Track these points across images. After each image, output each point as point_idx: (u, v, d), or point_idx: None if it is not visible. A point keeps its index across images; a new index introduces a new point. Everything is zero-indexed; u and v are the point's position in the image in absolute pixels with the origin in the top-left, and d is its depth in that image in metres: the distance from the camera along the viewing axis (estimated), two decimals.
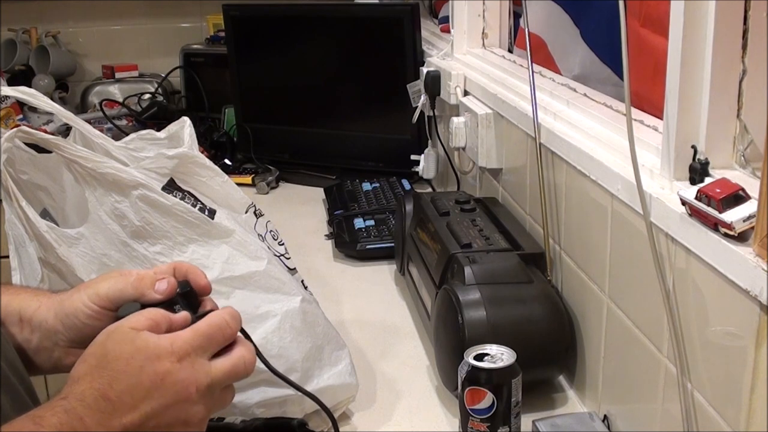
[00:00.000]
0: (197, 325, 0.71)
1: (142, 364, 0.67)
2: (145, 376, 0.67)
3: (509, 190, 1.42)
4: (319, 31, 2.07)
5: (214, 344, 0.71)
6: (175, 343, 0.69)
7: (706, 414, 0.78)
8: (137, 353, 0.68)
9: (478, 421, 0.94)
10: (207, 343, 0.71)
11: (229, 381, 0.73)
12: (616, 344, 1.00)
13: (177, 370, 0.68)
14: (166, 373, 0.68)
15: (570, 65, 1.43)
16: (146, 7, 2.67)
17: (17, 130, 0.90)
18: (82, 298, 0.78)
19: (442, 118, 1.81)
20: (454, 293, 1.06)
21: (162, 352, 0.68)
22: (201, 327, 0.71)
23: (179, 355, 0.69)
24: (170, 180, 0.97)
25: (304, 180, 2.08)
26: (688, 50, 0.81)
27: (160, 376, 0.67)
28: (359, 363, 1.12)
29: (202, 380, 0.69)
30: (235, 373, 0.72)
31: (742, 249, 0.69)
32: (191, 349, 0.69)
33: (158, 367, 0.67)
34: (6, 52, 2.54)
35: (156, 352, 0.68)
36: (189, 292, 0.77)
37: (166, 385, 0.67)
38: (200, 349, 0.70)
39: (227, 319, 0.73)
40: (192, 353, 0.69)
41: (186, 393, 0.68)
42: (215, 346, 0.72)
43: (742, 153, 0.82)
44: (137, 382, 0.67)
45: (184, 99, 2.51)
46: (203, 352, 0.70)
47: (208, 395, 0.70)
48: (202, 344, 0.70)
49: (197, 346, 0.70)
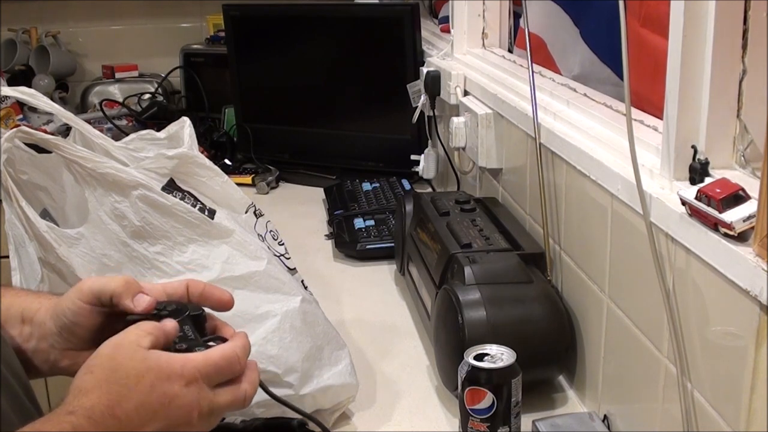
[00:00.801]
0: (210, 354, 0.71)
1: (152, 383, 0.67)
2: (155, 397, 0.67)
3: (509, 190, 1.42)
4: (319, 31, 2.07)
5: (221, 376, 0.71)
6: (186, 366, 0.69)
7: (706, 414, 0.78)
8: (148, 372, 0.67)
9: (478, 421, 0.94)
10: (215, 374, 0.71)
11: (227, 411, 0.73)
12: (616, 344, 1.00)
13: (184, 394, 0.68)
14: (174, 396, 0.67)
15: (570, 65, 1.43)
16: (146, 7, 2.67)
17: (17, 130, 0.90)
18: (70, 296, 0.78)
19: (442, 118, 1.81)
20: (454, 293, 1.06)
21: (172, 374, 0.68)
22: (214, 357, 0.71)
23: (188, 379, 0.69)
24: (170, 180, 0.97)
25: (304, 180, 2.08)
26: (688, 50, 0.81)
27: (168, 398, 0.67)
28: (359, 363, 1.12)
29: (204, 407, 0.70)
30: (234, 405, 0.73)
31: (742, 249, 0.69)
32: (200, 375, 0.69)
33: (167, 389, 0.67)
34: (6, 52, 2.54)
35: (167, 372, 0.68)
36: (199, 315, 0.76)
37: (172, 408, 0.67)
38: (207, 377, 0.70)
39: (239, 354, 0.73)
40: (200, 380, 0.69)
41: (188, 417, 0.69)
42: (222, 378, 0.72)
43: (742, 153, 0.81)
44: (147, 401, 0.66)
45: (184, 99, 2.51)
46: (210, 382, 0.70)
47: (205, 421, 0.71)
48: (210, 374, 0.70)
49: (205, 374, 0.70)
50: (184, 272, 0.95)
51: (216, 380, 0.71)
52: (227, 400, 0.72)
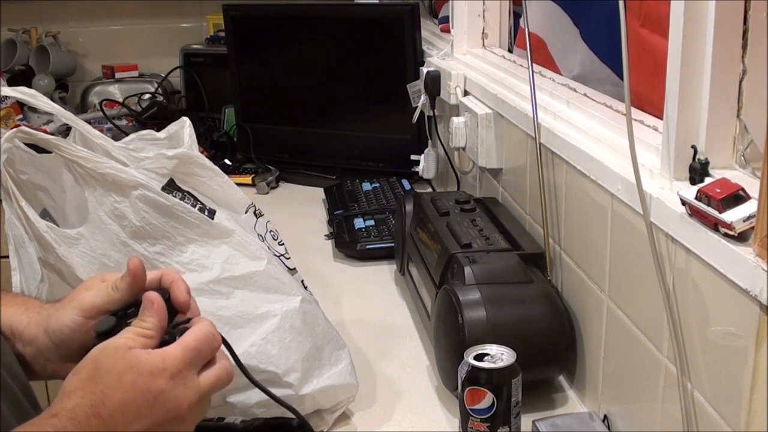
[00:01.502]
0: (185, 340, 0.70)
1: (134, 380, 0.66)
2: (138, 394, 0.66)
3: (509, 190, 1.42)
4: (319, 31, 2.07)
5: (202, 358, 0.71)
6: (166, 359, 0.68)
7: (706, 414, 0.78)
8: (129, 369, 0.67)
9: (478, 421, 0.94)
10: (197, 358, 0.70)
11: (214, 392, 0.72)
12: (616, 344, 1.00)
13: (170, 388, 0.67)
14: (159, 392, 0.67)
15: (570, 65, 1.43)
16: (146, 7, 2.67)
17: (17, 130, 0.90)
18: (68, 312, 0.77)
19: (442, 118, 1.81)
20: (454, 293, 1.06)
21: (155, 369, 0.67)
22: (189, 342, 0.70)
23: (172, 372, 0.68)
24: (170, 180, 0.97)
25: (304, 180, 2.08)
26: (688, 50, 0.81)
27: (153, 395, 0.66)
28: (359, 363, 1.12)
29: (192, 397, 0.69)
30: (220, 384, 0.72)
31: (742, 249, 0.69)
32: (183, 365, 0.68)
33: (152, 386, 0.67)
34: (6, 52, 2.54)
35: (148, 368, 0.67)
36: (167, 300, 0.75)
37: (158, 404, 0.67)
38: (191, 364, 0.69)
39: (211, 330, 0.72)
40: (184, 370, 0.68)
41: (177, 411, 0.68)
42: (204, 359, 0.71)
43: (742, 153, 0.81)
44: (130, 399, 0.66)
45: (184, 99, 2.51)
46: (194, 368, 0.70)
47: (196, 410, 0.70)
48: (192, 359, 0.69)
49: (188, 362, 0.69)
50: (184, 272, 0.95)
51: (198, 364, 0.70)
52: (212, 381, 0.71)
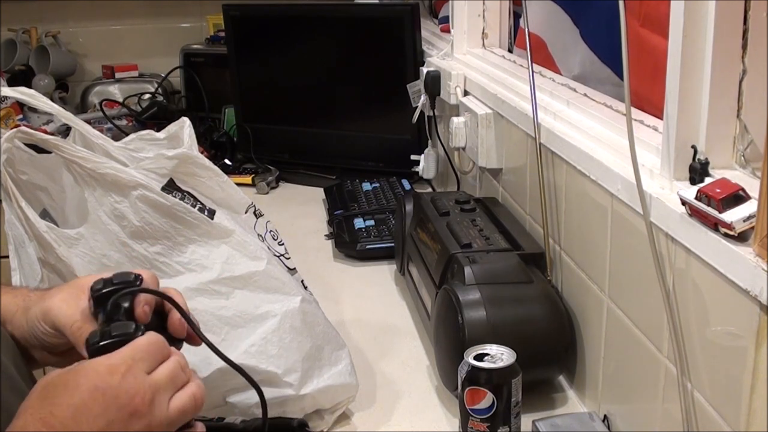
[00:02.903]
0: (136, 342, 0.70)
1: (78, 382, 0.66)
2: (87, 394, 0.65)
3: (509, 190, 1.42)
4: (319, 31, 2.07)
5: (153, 359, 0.70)
6: (111, 358, 0.68)
7: (706, 414, 0.78)
8: (76, 375, 0.66)
9: (478, 421, 0.94)
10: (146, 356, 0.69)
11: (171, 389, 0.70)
12: (616, 344, 0.99)
13: (119, 383, 0.66)
14: (107, 387, 0.66)
15: (570, 65, 1.43)
16: (146, 7, 2.67)
17: (17, 131, 0.90)
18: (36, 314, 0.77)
19: (442, 118, 1.81)
20: (454, 293, 1.06)
21: (99, 368, 0.67)
22: (140, 342, 0.70)
23: (121, 370, 0.67)
24: (170, 180, 0.96)
25: (304, 180, 2.08)
26: (688, 50, 0.81)
27: (101, 392, 0.65)
28: (359, 363, 1.12)
29: (145, 391, 0.67)
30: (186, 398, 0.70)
31: (742, 249, 0.69)
32: (132, 362, 0.68)
33: (99, 383, 0.66)
34: (6, 52, 2.54)
35: (96, 370, 0.67)
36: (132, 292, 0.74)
37: (108, 399, 0.65)
38: (140, 361, 0.68)
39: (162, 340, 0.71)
40: (133, 366, 0.68)
41: (131, 406, 0.66)
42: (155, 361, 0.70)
43: (742, 153, 0.82)
44: (79, 401, 0.65)
45: (184, 99, 2.51)
46: (143, 364, 0.68)
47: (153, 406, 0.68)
48: (142, 357, 0.69)
49: (138, 359, 0.68)
50: (184, 272, 0.95)
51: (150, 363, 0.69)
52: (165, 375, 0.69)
